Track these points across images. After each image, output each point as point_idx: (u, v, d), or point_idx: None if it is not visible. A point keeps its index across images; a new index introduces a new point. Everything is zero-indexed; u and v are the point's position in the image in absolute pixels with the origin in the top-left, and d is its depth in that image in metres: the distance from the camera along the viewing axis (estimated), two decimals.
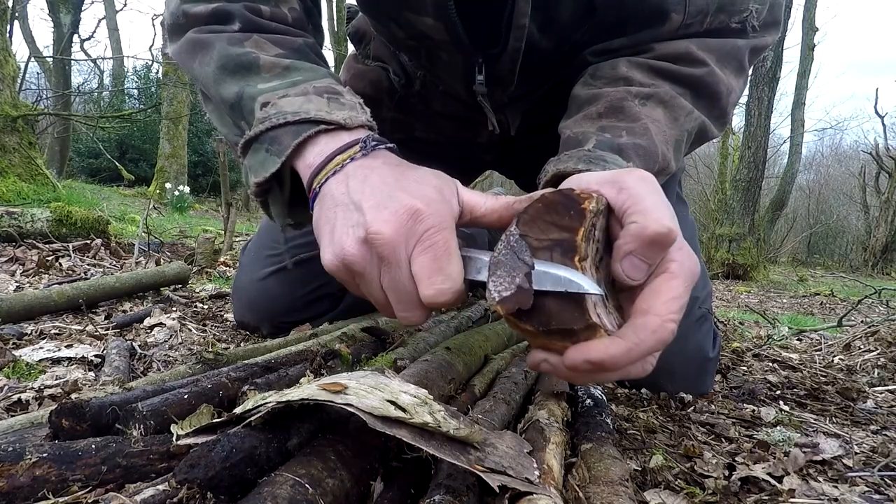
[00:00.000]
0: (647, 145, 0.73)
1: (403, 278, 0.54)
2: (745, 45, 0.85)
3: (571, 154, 0.70)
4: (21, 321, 1.17)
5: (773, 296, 5.50)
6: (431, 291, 0.53)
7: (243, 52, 0.71)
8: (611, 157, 0.68)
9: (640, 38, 0.84)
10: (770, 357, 1.51)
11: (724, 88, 0.83)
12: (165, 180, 9.06)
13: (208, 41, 0.74)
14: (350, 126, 0.63)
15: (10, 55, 3.26)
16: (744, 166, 8.48)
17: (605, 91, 0.80)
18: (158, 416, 0.54)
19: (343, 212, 0.57)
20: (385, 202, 0.54)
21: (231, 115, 0.73)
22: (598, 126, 0.76)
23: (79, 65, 14.98)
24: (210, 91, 0.75)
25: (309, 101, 0.65)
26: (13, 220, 2.15)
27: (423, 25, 0.87)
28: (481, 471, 0.45)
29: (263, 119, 0.65)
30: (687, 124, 0.80)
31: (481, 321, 1.32)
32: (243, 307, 1.26)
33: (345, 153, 0.61)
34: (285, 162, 0.63)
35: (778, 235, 17.09)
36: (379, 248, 0.53)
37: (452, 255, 0.54)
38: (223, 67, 0.71)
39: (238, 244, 2.69)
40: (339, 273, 0.58)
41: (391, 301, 0.57)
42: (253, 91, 0.68)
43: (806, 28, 11.66)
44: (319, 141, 0.63)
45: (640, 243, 0.51)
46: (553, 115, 1.16)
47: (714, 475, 0.71)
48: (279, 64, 0.70)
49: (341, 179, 0.59)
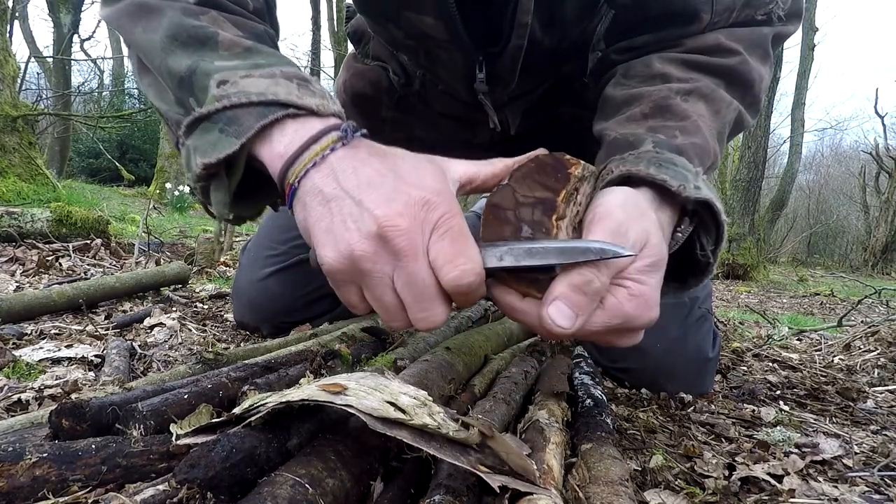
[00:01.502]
0: (701, 143, 0.73)
1: (422, 270, 0.52)
2: (769, 32, 0.85)
3: (639, 155, 0.67)
4: (21, 321, 1.17)
5: (773, 296, 5.50)
6: (455, 273, 0.52)
7: (199, 25, 0.65)
8: (678, 159, 0.66)
9: (666, 34, 0.83)
10: (770, 357, 1.51)
11: (756, 76, 0.83)
12: (165, 180, 9.05)
13: (157, 7, 0.67)
14: (322, 113, 0.59)
15: (10, 55, 3.26)
16: (744, 166, 8.47)
17: (645, 90, 0.79)
18: (158, 416, 0.54)
19: (338, 207, 0.54)
20: (392, 195, 0.53)
21: (176, 91, 0.66)
22: (647, 127, 0.74)
23: (79, 65, 14.97)
24: (154, 61, 0.68)
25: (277, 83, 0.59)
26: (13, 220, 2.15)
27: (422, 24, 0.86)
28: (483, 471, 0.45)
29: (220, 97, 0.59)
30: (728, 116, 0.80)
31: (481, 321, 1.32)
32: (243, 307, 1.26)
33: (321, 142, 0.56)
34: (245, 144, 0.58)
35: (778, 235, 17.09)
36: (396, 241, 0.51)
37: (469, 238, 0.54)
38: (174, 37, 0.65)
39: (238, 244, 2.69)
40: (343, 273, 0.55)
41: (408, 300, 0.54)
42: (208, 67, 0.62)
43: (806, 28, 11.64)
44: (287, 127, 0.58)
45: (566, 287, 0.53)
46: (553, 114, 1.17)
47: (714, 475, 0.71)
48: (239, 44, 0.65)
49: (326, 172, 0.55)
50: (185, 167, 0.64)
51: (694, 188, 0.62)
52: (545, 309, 0.53)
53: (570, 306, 0.53)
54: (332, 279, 0.57)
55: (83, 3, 11.42)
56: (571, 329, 0.53)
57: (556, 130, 1.18)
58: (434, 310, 0.54)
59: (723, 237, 0.66)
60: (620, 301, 0.55)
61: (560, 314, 0.53)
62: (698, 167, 0.67)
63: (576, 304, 0.53)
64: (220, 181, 0.62)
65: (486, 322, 1.31)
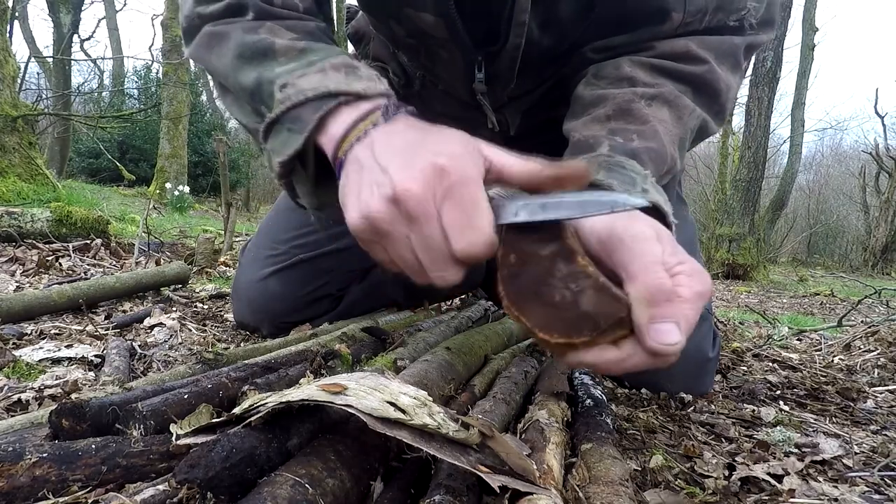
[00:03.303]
0: (657, 148, 0.74)
1: (435, 234, 0.54)
2: (741, 42, 0.86)
3: (592, 160, 0.69)
4: (21, 321, 1.17)
5: (773, 296, 5.50)
6: (462, 245, 0.53)
7: (259, 39, 0.72)
8: (628, 163, 0.68)
9: (640, 35, 0.84)
10: (770, 357, 1.51)
11: (723, 85, 0.84)
12: (165, 180, 9.06)
13: (224, 32, 0.75)
14: (370, 95, 0.64)
15: (10, 55, 3.26)
16: (744, 166, 8.47)
17: (611, 92, 0.81)
18: (158, 416, 0.54)
19: (368, 174, 0.57)
20: (411, 161, 0.55)
21: (251, 103, 0.73)
22: (607, 129, 0.76)
23: (79, 65, 14.99)
24: (229, 81, 0.75)
25: (327, 76, 0.65)
26: (13, 220, 2.15)
27: (422, 22, 0.87)
28: (483, 471, 0.45)
29: (283, 100, 0.65)
30: (690, 122, 0.81)
31: (481, 321, 1.32)
32: (243, 307, 1.26)
33: (366, 119, 0.61)
34: (308, 137, 0.64)
35: (778, 235, 17.08)
36: (408, 205, 0.53)
37: (480, 207, 0.54)
38: (240, 56, 0.72)
39: (238, 244, 2.69)
40: (365, 234, 0.58)
41: (423, 261, 0.56)
42: (270, 75, 0.69)
43: (806, 28, 11.65)
44: (341, 113, 0.63)
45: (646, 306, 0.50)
46: (553, 115, 1.16)
47: (714, 475, 0.71)
48: (294, 47, 0.71)
49: (366, 144, 0.59)
50: (270, 169, 0.71)
51: (641, 192, 0.63)
52: (648, 338, 0.50)
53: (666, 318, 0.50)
54: (360, 240, 0.60)
55: (83, 3, 11.45)
56: (683, 337, 0.50)
57: (555, 131, 1.18)
58: (448, 270, 0.56)
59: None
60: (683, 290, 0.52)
61: (662, 333, 0.50)
62: (648, 171, 0.69)
63: (668, 314, 0.50)
64: (299, 175, 0.69)
65: (486, 322, 1.31)
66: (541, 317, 0.52)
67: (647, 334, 0.50)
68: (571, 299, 0.51)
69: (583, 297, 0.50)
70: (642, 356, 0.52)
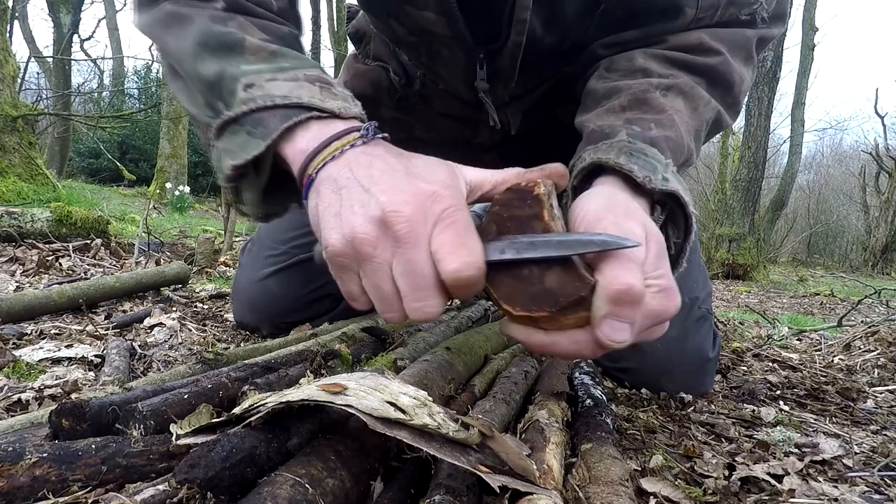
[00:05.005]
0: (675, 137, 0.73)
1: (421, 259, 0.52)
2: (753, 35, 0.85)
3: (611, 144, 0.68)
4: (21, 321, 1.17)
5: (773, 296, 5.50)
6: (456, 265, 0.51)
7: (227, 31, 0.68)
8: (649, 150, 0.67)
9: (651, 30, 0.84)
10: (770, 357, 1.51)
11: (737, 77, 0.83)
12: (165, 180, 9.06)
13: (187, 15, 0.70)
14: (344, 116, 0.62)
15: (10, 55, 3.26)
16: (744, 166, 8.48)
17: (625, 83, 0.80)
18: (158, 416, 0.54)
19: (348, 194, 0.55)
20: (400, 185, 0.54)
21: (205, 95, 0.69)
22: (624, 119, 0.74)
23: (79, 65, 14.98)
24: (185, 67, 0.71)
25: (300, 87, 0.62)
26: (13, 220, 2.15)
27: (424, 20, 0.87)
28: (483, 471, 0.45)
29: (247, 100, 0.62)
30: (706, 114, 0.81)
31: (481, 321, 1.32)
32: (243, 307, 1.26)
33: (342, 139, 0.59)
34: (271, 145, 0.60)
35: (778, 235, 17.09)
36: (398, 227, 0.52)
37: (473, 232, 0.54)
38: (203, 44, 0.68)
39: (238, 244, 2.69)
40: (344, 257, 0.55)
41: (404, 289, 0.54)
42: (235, 71, 0.65)
43: (806, 28, 11.65)
44: (311, 127, 0.60)
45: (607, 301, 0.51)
46: (554, 114, 1.17)
47: (714, 475, 0.71)
48: (265, 48, 0.68)
49: (343, 164, 0.57)
50: (215, 168, 0.67)
51: (662, 179, 0.63)
52: (598, 330, 0.51)
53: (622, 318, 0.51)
54: (333, 265, 0.58)
55: (83, 3, 11.45)
56: (630, 340, 0.51)
57: (556, 131, 1.18)
58: (430, 300, 0.54)
59: (692, 229, 0.67)
60: (648, 300, 0.53)
61: (615, 330, 0.51)
62: (669, 160, 0.68)
63: (626, 315, 0.51)
64: (250, 181, 0.65)
65: (486, 322, 1.31)
66: (508, 287, 0.54)
67: (599, 326, 0.51)
68: (538, 274, 0.52)
69: (549, 273, 0.52)
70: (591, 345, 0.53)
